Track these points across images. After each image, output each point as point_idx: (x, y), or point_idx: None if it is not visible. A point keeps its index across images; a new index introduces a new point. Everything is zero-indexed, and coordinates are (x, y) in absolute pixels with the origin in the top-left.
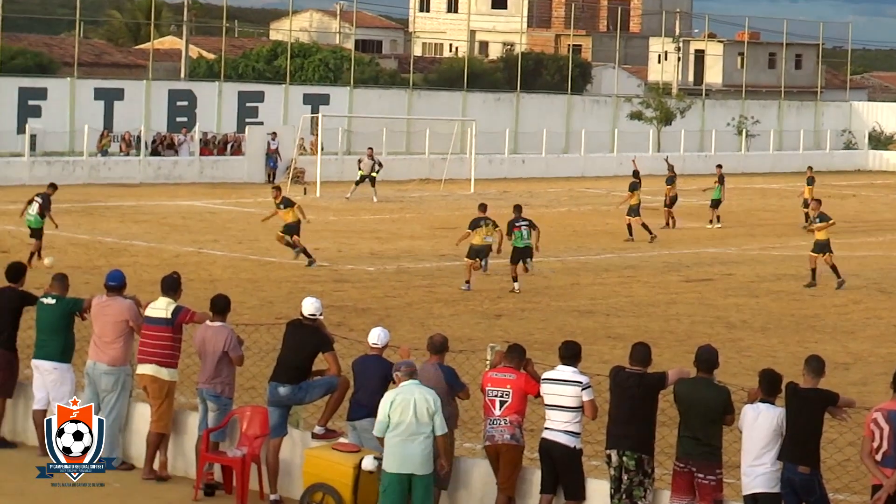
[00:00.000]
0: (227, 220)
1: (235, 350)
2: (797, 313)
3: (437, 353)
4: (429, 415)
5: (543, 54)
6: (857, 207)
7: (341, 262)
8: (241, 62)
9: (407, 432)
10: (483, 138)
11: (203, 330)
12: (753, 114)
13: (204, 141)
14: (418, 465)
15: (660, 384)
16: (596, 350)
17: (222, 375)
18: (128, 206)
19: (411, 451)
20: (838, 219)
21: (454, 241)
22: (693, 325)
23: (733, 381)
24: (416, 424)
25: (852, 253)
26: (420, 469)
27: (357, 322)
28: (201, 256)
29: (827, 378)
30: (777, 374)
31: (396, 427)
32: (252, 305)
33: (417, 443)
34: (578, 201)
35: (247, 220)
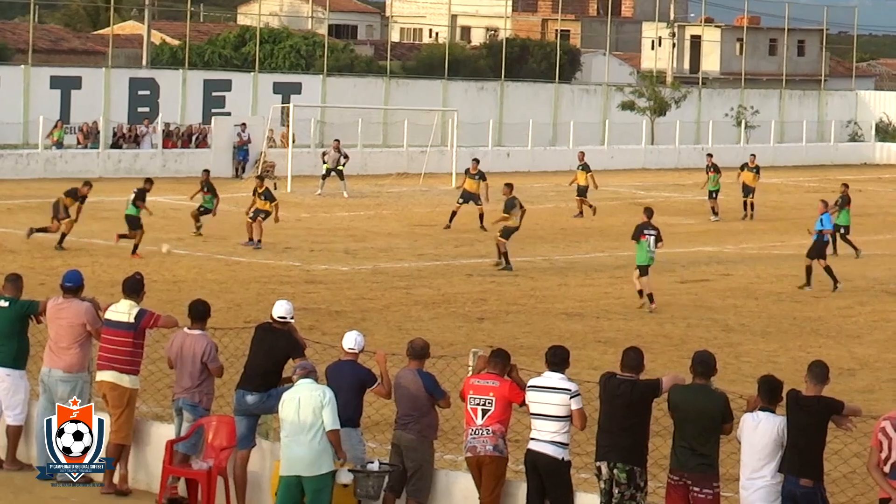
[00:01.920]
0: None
1: (214, 361)
2: (799, 316)
3: (417, 358)
4: (313, 413)
5: (529, 40)
6: (863, 203)
7: (314, 261)
8: (206, 48)
9: (292, 433)
10: (465, 130)
11: (181, 337)
12: (753, 104)
13: (167, 132)
14: (305, 466)
15: (653, 391)
16: (585, 355)
17: (201, 385)
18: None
19: (296, 452)
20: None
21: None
22: (688, 328)
23: (731, 389)
24: (299, 424)
25: None
26: (307, 471)
27: (330, 326)
28: (165, 256)
29: (831, 385)
30: (778, 381)
31: (284, 428)
32: (219, 308)
33: (302, 443)
34: (566, 197)
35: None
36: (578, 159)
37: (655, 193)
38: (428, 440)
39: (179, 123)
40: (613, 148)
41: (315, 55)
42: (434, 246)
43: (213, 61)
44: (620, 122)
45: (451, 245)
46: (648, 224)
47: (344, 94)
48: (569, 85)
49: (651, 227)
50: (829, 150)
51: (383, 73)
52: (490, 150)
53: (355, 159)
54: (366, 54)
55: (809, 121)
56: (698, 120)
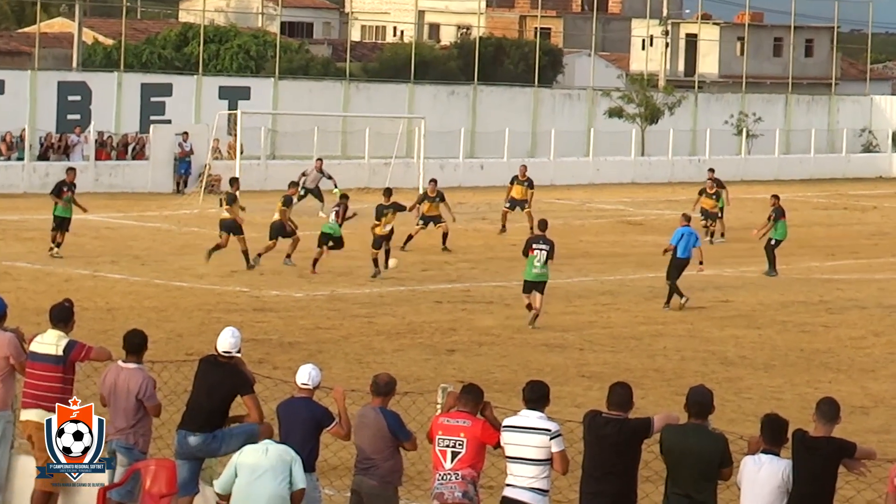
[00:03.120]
0: (127, 237)
1: (152, 399)
2: (807, 348)
3: (381, 395)
4: (281, 461)
5: (505, 39)
6: (879, 221)
7: (264, 286)
8: (144, 49)
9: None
10: (434, 139)
11: (114, 372)
12: (755, 110)
13: (100, 142)
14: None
15: (643, 432)
16: (567, 391)
17: (137, 425)
18: (9, 221)
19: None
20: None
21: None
22: (683, 361)
23: (731, 429)
24: (262, 469)
25: (872, 276)
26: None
27: (282, 359)
28: (97, 280)
29: (842, 425)
30: (782, 420)
31: (242, 475)
32: (158, 339)
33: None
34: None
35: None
36: (520, 174)
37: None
38: (391, 486)
39: (114, 132)
40: (599, 160)
41: (266, 56)
42: (398, 269)
43: (151, 63)
44: (607, 130)
45: (417, 269)
46: (541, 237)
47: (298, 100)
48: (549, 89)
49: (543, 240)
50: (840, 162)
51: (342, 75)
52: (462, 163)
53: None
54: (322, 55)
55: (818, 129)
56: (694, 128)
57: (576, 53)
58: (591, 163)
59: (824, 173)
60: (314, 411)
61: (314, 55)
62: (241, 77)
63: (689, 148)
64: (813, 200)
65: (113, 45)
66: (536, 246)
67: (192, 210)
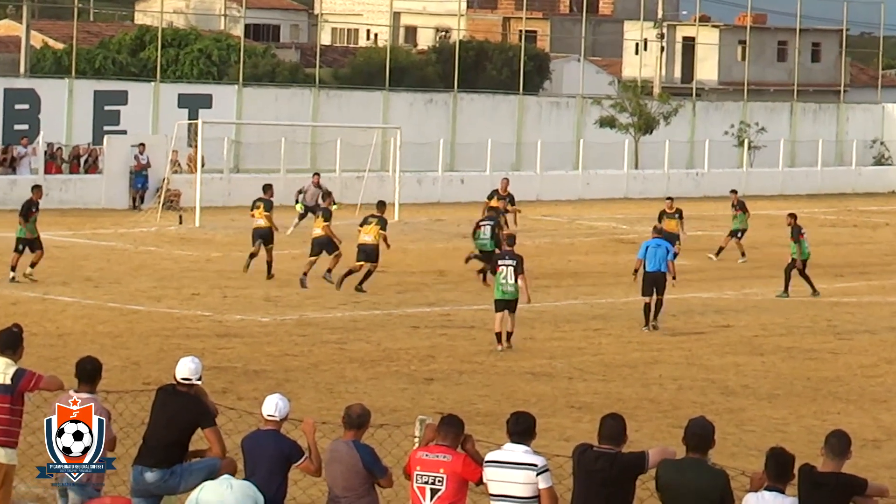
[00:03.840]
0: (79, 256)
1: (107, 431)
2: (814, 376)
3: (354, 427)
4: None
5: (488, 43)
6: (891, 240)
7: (227, 310)
8: (97, 53)
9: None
10: (410, 151)
11: (64, 401)
12: (758, 120)
13: (50, 155)
14: None
15: (637, 467)
16: (555, 423)
17: None
18: None
19: None
20: (867, 253)
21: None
22: (680, 391)
23: (732, 464)
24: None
25: (885, 298)
26: None
27: (247, 388)
28: (47, 303)
29: (853, 459)
30: (788, 455)
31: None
32: (112, 367)
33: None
34: (533, 233)
35: (106, 258)
36: (501, 189)
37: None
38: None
39: (65, 143)
40: (590, 173)
41: (229, 61)
42: (372, 292)
43: (105, 69)
44: (598, 141)
45: (392, 291)
46: (507, 253)
47: (264, 109)
48: (535, 97)
49: (510, 255)
50: (849, 175)
51: (311, 82)
52: (440, 176)
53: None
54: (290, 60)
55: (826, 140)
56: (692, 139)
57: (564, 58)
58: (580, 177)
59: (832, 188)
60: (281, 445)
61: (281, 60)
62: (202, 84)
63: (686, 160)
64: (820, 217)
65: (63, 49)
66: (502, 262)
67: (149, 228)
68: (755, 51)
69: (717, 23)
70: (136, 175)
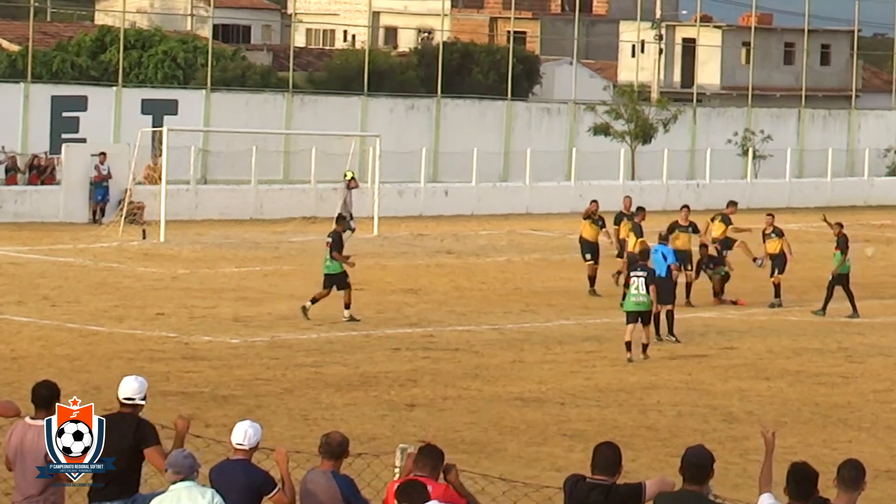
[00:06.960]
0: (35, 273)
1: None
2: (823, 402)
3: (332, 457)
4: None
5: (474, 45)
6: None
7: (194, 331)
8: (55, 56)
9: None
10: (391, 160)
11: (21, 430)
12: (763, 127)
13: (5, 165)
14: None
15: (634, 499)
16: (546, 452)
17: (47, 491)
18: None
19: None
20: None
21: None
22: (679, 417)
23: (735, 496)
24: None
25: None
26: None
27: (216, 414)
28: (0, 324)
29: (867, 491)
30: (811, 470)
31: None
32: (71, 392)
33: None
34: (522, 248)
35: (64, 275)
36: (682, 219)
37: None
38: None
39: (20, 152)
40: (583, 184)
41: (196, 64)
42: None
43: (63, 72)
44: (592, 150)
45: (371, 310)
46: (640, 265)
47: (233, 115)
48: (525, 102)
49: (642, 268)
50: (861, 186)
51: (284, 87)
52: (423, 187)
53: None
54: (262, 63)
55: (836, 149)
56: (693, 148)
57: (555, 61)
58: (573, 188)
59: (843, 200)
60: (252, 476)
61: (252, 63)
62: (167, 89)
63: (686, 171)
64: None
65: (19, 51)
66: (635, 274)
67: (110, 243)
68: (760, 53)
69: (720, 23)
70: (96, 186)
